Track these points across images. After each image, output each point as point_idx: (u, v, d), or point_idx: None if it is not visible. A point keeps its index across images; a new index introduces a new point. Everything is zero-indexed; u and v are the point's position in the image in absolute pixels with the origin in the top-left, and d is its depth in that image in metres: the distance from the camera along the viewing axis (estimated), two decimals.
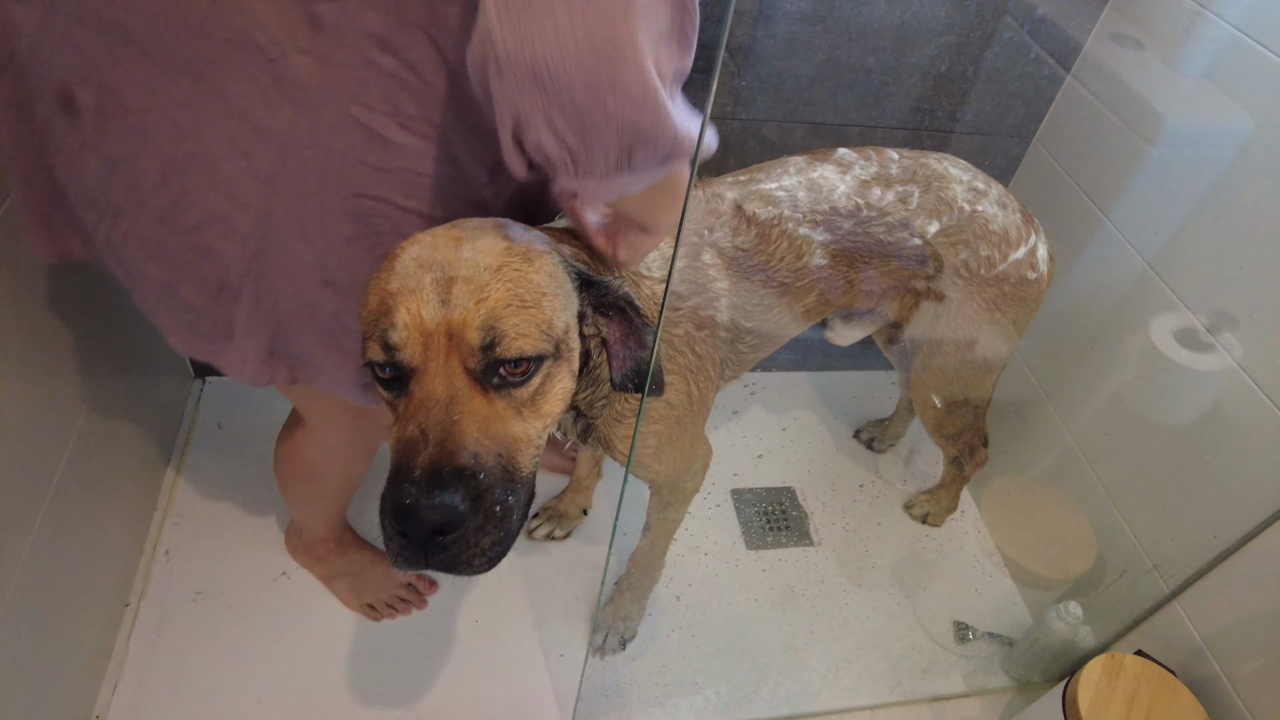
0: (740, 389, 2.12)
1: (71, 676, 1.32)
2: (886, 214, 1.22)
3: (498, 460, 0.77)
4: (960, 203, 1.25)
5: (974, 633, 1.69)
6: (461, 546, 0.75)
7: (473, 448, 0.75)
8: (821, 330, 1.51)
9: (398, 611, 1.55)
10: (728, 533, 1.81)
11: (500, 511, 0.77)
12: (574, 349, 0.84)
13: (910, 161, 1.27)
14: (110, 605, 1.45)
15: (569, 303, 0.83)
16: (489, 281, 0.76)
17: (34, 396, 1.22)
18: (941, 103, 1.69)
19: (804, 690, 1.57)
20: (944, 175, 1.26)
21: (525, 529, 1.72)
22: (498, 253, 0.79)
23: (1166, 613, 1.45)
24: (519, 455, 0.80)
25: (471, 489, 0.74)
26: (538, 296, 0.79)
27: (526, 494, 0.83)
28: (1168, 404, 1.49)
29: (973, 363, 1.40)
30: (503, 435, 0.78)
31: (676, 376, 1.09)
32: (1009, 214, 1.28)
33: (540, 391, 0.81)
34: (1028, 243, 1.29)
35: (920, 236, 1.24)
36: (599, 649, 1.56)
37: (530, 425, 0.81)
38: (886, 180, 1.24)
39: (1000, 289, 1.30)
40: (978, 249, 1.26)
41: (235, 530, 1.63)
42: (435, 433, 0.75)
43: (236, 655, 1.46)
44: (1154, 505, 1.50)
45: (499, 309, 0.76)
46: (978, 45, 1.60)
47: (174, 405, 1.79)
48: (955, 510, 1.89)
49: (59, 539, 1.26)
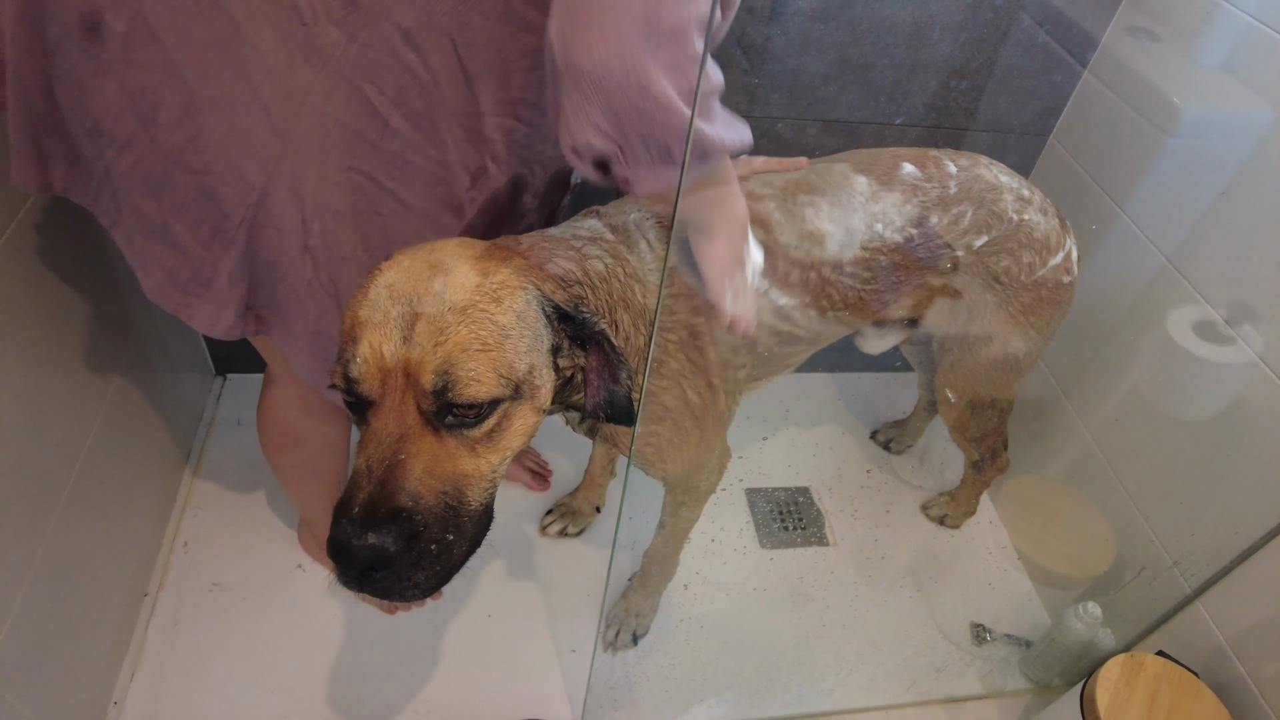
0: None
1: (92, 663, 1.34)
2: (938, 238, 1.22)
3: (441, 499, 0.78)
4: (1010, 214, 1.24)
5: (991, 634, 1.67)
6: (393, 581, 0.77)
7: (413, 488, 0.76)
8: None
9: (412, 605, 1.55)
10: (742, 531, 1.80)
11: (436, 550, 0.78)
12: (540, 385, 0.84)
13: (966, 175, 1.24)
14: (129, 595, 1.48)
15: (537, 341, 0.83)
16: (452, 323, 0.76)
17: (58, 390, 1.24)
18: (956, 100, 1.69)
19: (817, 688, 1.55)
20: (996, 187, 1.25)
21: (539, 525, 1.73)
22: (468, 290, 0.78)
23: (1188, 613, 1.42)
24: (467, 491, 0.81)
25: (405, 530, 0.75)
26: (500, 339, 0.78)
27: (476, 524, 0.83)
28: (1187, 398, 1.46)
29: (1003, 365, 1.38)
30: (450, 473, 0.79)
31: (670, 380, 1.09)
32: (1049, 220, 1.28)
33: (497, 430, 0.81)
34: (1064, 248, 1.29)
35: (965, 250, 1.24)
36: (610, 644, 1.55)
37: (484, 460, 0.82)
38: (944, 203, 1.22)
39: (1038, 294, 1.29)
40: (1020, 256, 1.26)
41: (252, 524, 1.65)
42: (379, 470, 0.76)
43: (252, 645, 1.47)
44: (1174, 502, 1.48)
45: (456, 353, 0.76)
46: (993, 41, 1.59)
47: (195, 401, 1.82)
48: (974, 514, 1.86)
49: (80, 529, 1.28)
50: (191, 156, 0.84)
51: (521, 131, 0.95)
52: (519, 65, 0.90)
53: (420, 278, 0.79)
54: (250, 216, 0.88)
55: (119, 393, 1.43)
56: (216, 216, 0.88)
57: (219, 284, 0.93)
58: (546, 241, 0.95)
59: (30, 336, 1.17)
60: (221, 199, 0.86)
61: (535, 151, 1.00)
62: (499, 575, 1.64)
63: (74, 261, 1.29)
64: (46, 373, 1.21)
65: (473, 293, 0.78)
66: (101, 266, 1.37)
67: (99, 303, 1.37)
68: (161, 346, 1.63)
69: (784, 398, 2.11)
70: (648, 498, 1.46)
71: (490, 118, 0.92)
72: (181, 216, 0.88)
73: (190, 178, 0.85)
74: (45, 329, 1.21)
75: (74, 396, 1.29)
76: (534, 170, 1.04)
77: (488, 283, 0.80)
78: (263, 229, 0.89)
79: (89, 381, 1.34)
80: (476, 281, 0.79)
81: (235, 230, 0.88)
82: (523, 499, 1.79)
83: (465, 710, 1.43)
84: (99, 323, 1.37)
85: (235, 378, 1.93)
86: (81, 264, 1.31)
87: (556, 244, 0.95)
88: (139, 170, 0.86)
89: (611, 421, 0.93)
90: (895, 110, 1.69)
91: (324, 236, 0.92)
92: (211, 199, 0.86)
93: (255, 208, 0.87)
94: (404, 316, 0.77)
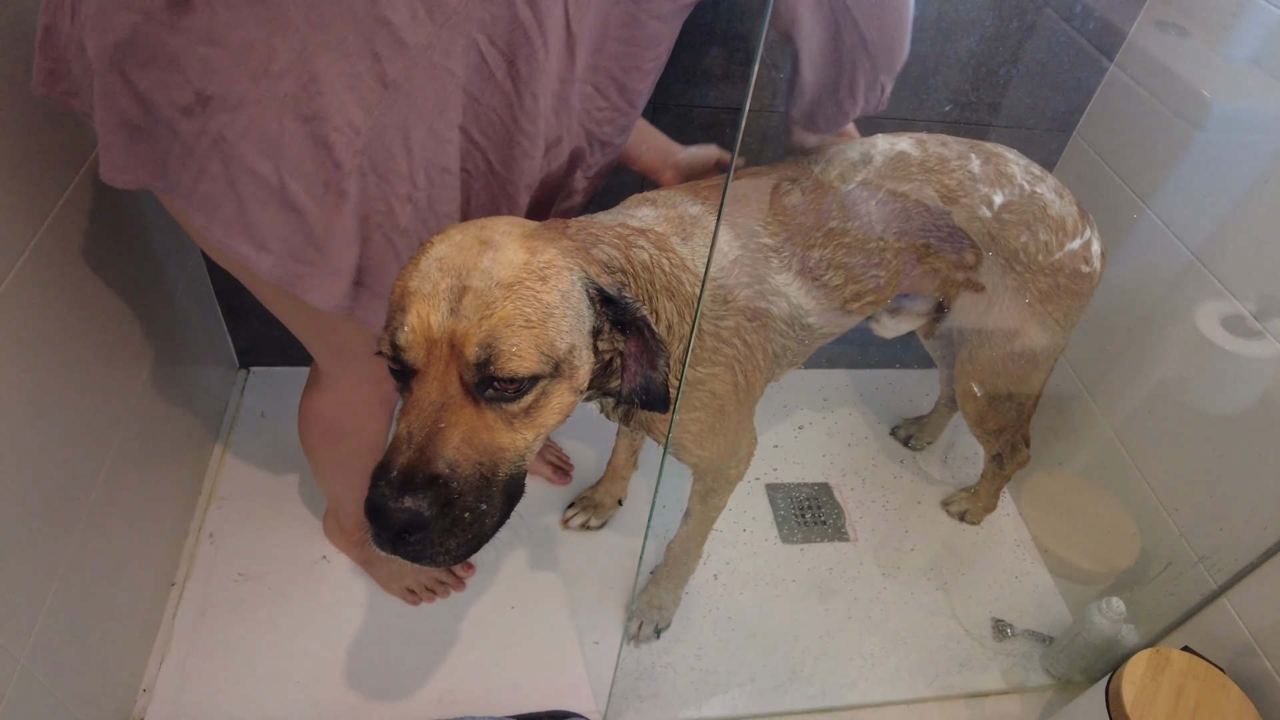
0: (776, 384, 2.12)
1: (122, 650, 1.35)
2: (949, 168, 1.22)
3: (476, 469, 0.80)
4: (1020, 180, 1.24)
5: (1013, 630, 1.66)
6: (425, 545, 0.79)
7: (451, 456, 0.78)
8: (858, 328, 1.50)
9: (436, 595, 1.56)
10: (762, 526, 1.80)
11: (469, 518, 0.80)
12: (579, 366, 0.85)
13: (967, 144, 1.27)
14: (157, 584, 1.49)
15: (579, 322, 0.84)
16: (498, 298, 0.78)
17: (91, 384, 1.26)
18: (980, 95, 1.69)
19: (840, 681, 1.55)
20: (1000, 154, 1.26)
21: (561, 518, 1.74)
22: (516, 267, 0.80)
23: (1214, 609, 1.42)
24: (502, 464, 0.83)
25: (441, 496, 0.77)
26: (544, 317, 0.80)
27: (505, 496, 0.85)
28: (1215, 392, 1.46)
29: (1020, 355, 1.38)
30: (487, 444, 0.81)
31: (722, 367, 1.10)
32: (1066, 204, 1.28)
33: (535, 406, 0.83)
34: (1083, 235, 1.28)
35: (986, 205, 1.23)
36: (634, 637, 1.56)
37: (520, 435, 0.84)
38: (941, 142, 1.25)
39: (1055, 280, 1.28)
40: (1037, 232, 1.25)
41: (277, 515, 1.66)
42: (419, 436, 0.78)
43: (276, 634, 1.48)
44: (1200, 497, 1.47)
45: (500, 327, 0.77)
46: (1017, 36, 1.59)
47: (220, 394, 1.84)
48: (994, 509, 1.86)
49: (110, 520, 1.30)
50: (304, 104, 0.83)
51: (599, 104, 0.97)
52: (615, 35, 0.92)
53: (470, 252, 0.80)
54: (358, 164, 0.87)
55: (147, 386, 1.44)
56: (329, 167, 0.87)
57: (332, 246, 0.91)
58: (594, 226, 0.96)
59: (65, 331, 1.19)
60: (332, 145, 0.85)
61: (603, 131, 1.01)
62: (522, 567, 1.65)
63: (107, 255, 1.30)
64: (76, 366, 1.23)
65: (520, 270, 0.80)
66: (131, 261, 1.38)
67: (129, 296, 1.38)
68: (187, 340, 1.65)
69: (803, 395, 2.11)
70: (669, 492, 1.46)
71: (579, 84, 0.94)
72: (297, 172, 0.87)
73: (303, 127, 0.84)
74: (80, 323, 1.23)
75: (105, 389, 1.31)
76: (594, 149, 1.05)
77: (535, 261, 0.81)
78: (366, 177, 0.89)
79: (119, 375, 1.36)
80: (524, 259, 0.80)
81: (346, 180, 0.88)
82: (545, 492, 1.79)
83: (489, 700, 1.44)
84: (129, 317, 1.38)
85: (259, 371, 1.94)
86: (114, 258, 1.33)
87: (604, 230, 0.96)
88: (255, 128, 0.84)
89: (645, 408, 0.93)
90: (918, 106, 1.69)
91: (429, 191, 0.92)
92: (324, 147, 0.86)
93: (362, 154, 0.87)
94: (452, 289, 0.78)
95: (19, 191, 1.08)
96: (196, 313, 1.71)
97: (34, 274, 1.10)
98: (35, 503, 1.11)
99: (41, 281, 1.12)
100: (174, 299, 1.57)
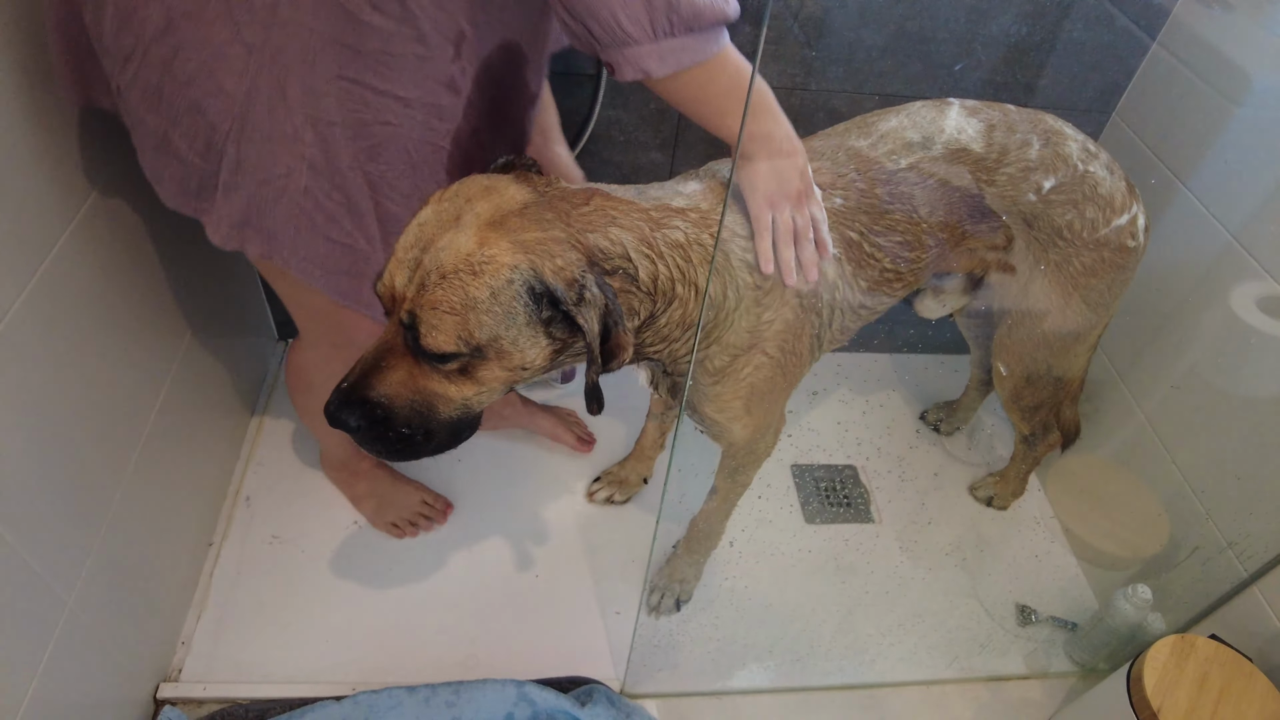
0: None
1: (162, 603, 1.41)
2: (1007, 160, 1.19)
3: (410, 404, 0.92)
4: (1075, 160, 1.22)
5: (1037, 615, 1.65)
6: (361, 440, 0.94)
7: (385, 391, 0.91)
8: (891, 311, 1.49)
9: (419, 528, 1.64)
10: (786, 506, 1.81)
11: (396, 437, 0.93)
12: (512, 352, 0.91)
13: (1029, 113, 1.23)
14: (195, 544, 1.55)
15: (507, 317, 0.88)
16: (434, 282, 0.86)
17: (132, 350, 1.31)
18: (1017, 75, 1.66)
19: (858, 659, 1.56)
20: (1059, 132, 1.23)
21: (586, 491, 1.77)
22: (459, 257, 0.85)
23: (1244, 597, 1.39)
24: (438, 405, 0.94)
25: (370, 415, 0.91)
26: (466, 308, 0.86)
27: (449, 431, 0.97)
28: (1250, 375, 1.43)
29: (1062, 330, 1.36)
30: (422, 388, 0.92)
31: (769, 358, 1.10)
32: (1116, 180, 1.25)
33: (461, 373, 0.92)
34: (1130, 210, 1.26)
35: (1035, 192, 1.21)
36: (654, 609, 1.58)
37: (458, 389, 0.93)
38: (1009, 126, 1.20)
39: (1099, 254, 1.26)
40: (1084, 210, 1.23)
41: (311, 480, 1.71)
42: (368, 365, 0.92)
43: (309, 595, 1.53)
44: (1231, 482, 1.45)
45: (427, 308, 0.86)
46: (1056, 14, 1.57)
47: (258, 363, 1.89)
48: (1022, 494, 1.85)
49: (151, 481, 1.35)
50: (177, 68, 0.91)
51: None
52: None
53: (442, 226, 0.88)
54: (235, 129, 0.94)
55: (189, 352, 1.50)
56: (206, 128, 0.95)
57: (218, 196, 1.00)
58: (617, 207, 0.95)
59: (111, 302, 1.24)
60: (207, 111, 0.93)
61: (512, 14, 1.00)
62: (546, 537, 1.68)
63: (153, 229, 1.35)
64: (126, 335, 1.28)
65: (460, 261, 0.86)
66: (177, 231, 1.43)
67: (174, 269, 1.43)
68: (229, 310, 1.70)
69: (833, 377, 2.11)
70: (695, 464, 1.48)
71: None
72: (177, 127, 0.95)
73: (179, 89, 0.92)
74: (123, 292, 1.28)
75: (150, 355, 1.37)
76: (525, 40, 1.06)
77: (478, 254, 0.86)
78: (251, 142, 0.95)
79: (163, 341, 1.41)
80: (469, 250, 0.86)
81: (224, 141, 0.95)
82: (571, 462, 1.82)
83: (510, 665, 1.47)
84: (174, 285, 1.44)
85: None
86: (161, 231, 1.38)
87: (627, 210, 0.95)
88: (139, 83, 0.93)
89: (587, 399, 0.98)
90: (954, 86, 1.67)
91: (321, 146, 0.96)
92: (199, 111, 0.93)
93: (239, 119, 0.93)
94: (414, 260, 0.88)
95: (69, 164, 1.13)
96: (238, 288, 1.77)
97: (81, 246, 1.15)
98: (84, 462, 1.16)
99: (89, 254, 1.18)
100: (216, 274, 1.63)
